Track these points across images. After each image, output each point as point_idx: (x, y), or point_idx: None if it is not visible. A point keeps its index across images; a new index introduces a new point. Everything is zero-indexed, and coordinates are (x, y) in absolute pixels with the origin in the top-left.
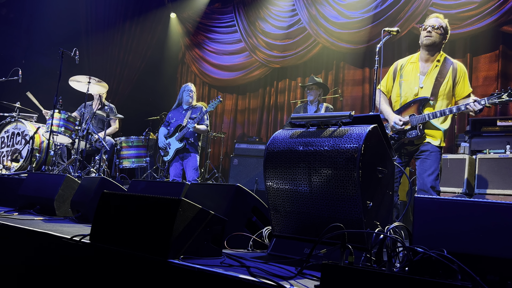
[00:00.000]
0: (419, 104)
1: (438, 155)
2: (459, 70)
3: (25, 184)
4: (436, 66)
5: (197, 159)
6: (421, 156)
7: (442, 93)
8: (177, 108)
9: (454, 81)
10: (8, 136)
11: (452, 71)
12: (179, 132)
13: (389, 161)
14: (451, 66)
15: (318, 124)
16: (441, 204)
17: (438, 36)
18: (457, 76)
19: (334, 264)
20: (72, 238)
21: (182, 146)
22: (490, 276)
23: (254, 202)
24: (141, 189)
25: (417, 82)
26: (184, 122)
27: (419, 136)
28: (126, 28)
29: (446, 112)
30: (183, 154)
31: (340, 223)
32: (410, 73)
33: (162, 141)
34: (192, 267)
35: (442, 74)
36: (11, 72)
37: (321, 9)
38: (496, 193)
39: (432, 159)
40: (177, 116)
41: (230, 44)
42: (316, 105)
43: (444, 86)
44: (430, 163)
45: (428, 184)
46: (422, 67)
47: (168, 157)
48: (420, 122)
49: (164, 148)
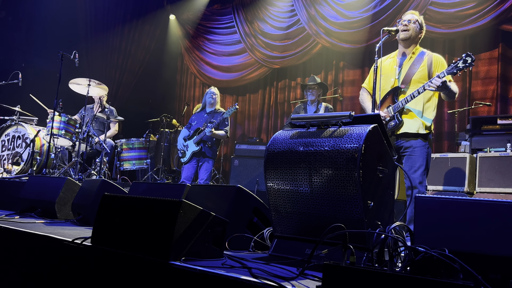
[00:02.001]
0: (392, 94)
1: (423, 150)
2: (435, 60)
3: (26, 187)
4: (410, 58)
5: (212, 163)
6: (405, 153)
7: (416, 80)
8: (201, 111)
9: (430, 70)
10: (8, 140)
11: (427, 59)
12: (197, 135)
13: (389, 160)
14: (426, 57)
15: (318, 125)
16: (443, 203)
17: (414, 30)
18: (433, 65)
19: (335, 265)
20: (73, 241)
21: (198, 149)
22: (492, 274)
23: (255, 203)
24: (142, 191)
25: (393, 74)
26: (203, 126)
27: (397, 124)
28: (125, 30)
29: (414, 95)
30: (199, 157)
31: (341, 223)
32: (388, 66)
33: (181, 143)
34: (193, 269)
35: (415, 63)
36: (11, 75)
37: (320, 9)
38: (497, 191)
39: (416, 154)
40: (199, 119)
41: (230, 45)
42: (315, 105)
43: (418, 74)
44: (415, 159)
45: (416, 180)
46: (399, 60)
47: (185, 159)
48: (396, 110)
49: (182, 150)
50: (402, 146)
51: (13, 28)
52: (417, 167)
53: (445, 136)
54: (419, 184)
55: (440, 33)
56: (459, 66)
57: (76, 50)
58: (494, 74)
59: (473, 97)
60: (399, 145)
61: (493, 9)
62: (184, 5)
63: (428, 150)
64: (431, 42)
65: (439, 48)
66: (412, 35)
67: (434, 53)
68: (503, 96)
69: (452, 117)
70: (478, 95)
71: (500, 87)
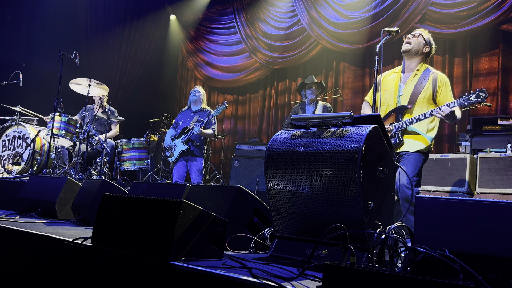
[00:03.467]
0: (397, 112)
1: (417, 157)
2: (439, 80)
3: (27, 187)
4: (415, 75)
5: (202, 162)
6: (400, 160)
7: (421, 100)
8: (187, 110)
9: (434, 90)
10: (9, 139)
11: (432, 80)
12: (184, 135)
13: (390, 161)
14: (431, 75)
15: (318, 125)
16: (443, 203)
17: (417, 44)
18: (437, 85)
19: (335, 265)
20: (73, 241)
21: (186, 148)
22: (492, 275)
23: (255, 203)
24: (142, 191)
25: (397, 90)
26: (190, 124)
27: (397, 143)
28: (125, 30)
29: (420, 118)
30: (188, 157)
31: (341, 224)
32: (392, 82)
33: (168, 142)
34: (193, 269)
35: (421, 82)
36: (11, 75)
37: (320, 9)
38: (498, 192)
39: (409, 160)
40: (185, 119)
41: (230, 46)
42: (314, 104)
43: (423, 94)
44: (407, 164)
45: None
46: (404, 77)
47: (173, 158)
48: (399, 129)
49: (170, 149)
50: (399, 155)
51: (13, 28)
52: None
53: (446, 136)
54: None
55: (441, 33)
56: (471, 100)
57: (77, 50)
58: (494, 75)
59: None
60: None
61: (493, 9)
62: (184, 6)
63: (422, 161)
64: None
65: (439, 48)
66: (414, 48)
67: (439, 72)
68: (504, 96)
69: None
70: None
71: (500, 87)
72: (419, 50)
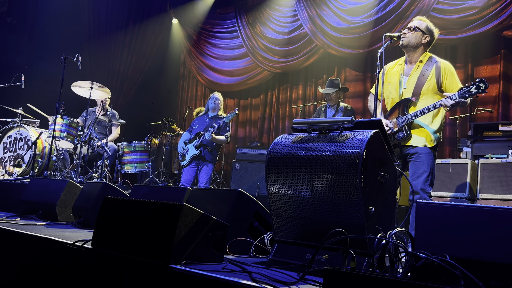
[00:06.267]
0: (402, 105)
1: (428, 157)
2: (443, 68)
3: (27, 189)
4: (418, 67)
5: (212, 167)
6: (411, 159)
7: (425, 92)
8: (203, 115)
9: (438, 79)
10: (10, 142)
11: (435, 69)
12: (197, 139)
13: (391, 166)
14: (434, 65)
15: (319, 129)
16: (444, 209)
17: (414, 37)
18: (441, 74)
19: (336, 270)
20: (74, 244)
21: (198, 153)
22: (493, 281)
23: (256, 207)
24: (143, 194)
25: (401, 83)
26: (204, 130)
27: (405, 137)
28: (128, 32)
29: (424, 111)
30: (199, 161)
31: (342, 229)
32: (395, 74)
33: (181, 146)
34: (194, 273)
35: (424, 73)
36: (13, 77)
37: (322, 14)
38: (499, 198)
39: (421, 161)
40: (200, 123)
41: (232, 50)
42: (335, 108)
43: (427, 85)
44: (419, 165)
45: (418, 186)
46: (407, 69)
47: (184, 162)
48: (405, 123)
49: (182, 153)
50: (408, 153)
51: (16, 30)
52: (420, 173)
53: (447, 142)
54: (420, 190)
55: (442, 39)
56: (471, 91)
57: (79, 53)
58: (495, 80)
59: (475, 103)
60: (405, 152)
61: (495, 16)
62: (186, 9)
63: (433, 157)
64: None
65: (441, 54)
66: (411, 41)
67: (442, 59)
68: (505, 102)
69: (453, 123)
70: (480, 101)
71: (501, 93)
72: (418, 43)
